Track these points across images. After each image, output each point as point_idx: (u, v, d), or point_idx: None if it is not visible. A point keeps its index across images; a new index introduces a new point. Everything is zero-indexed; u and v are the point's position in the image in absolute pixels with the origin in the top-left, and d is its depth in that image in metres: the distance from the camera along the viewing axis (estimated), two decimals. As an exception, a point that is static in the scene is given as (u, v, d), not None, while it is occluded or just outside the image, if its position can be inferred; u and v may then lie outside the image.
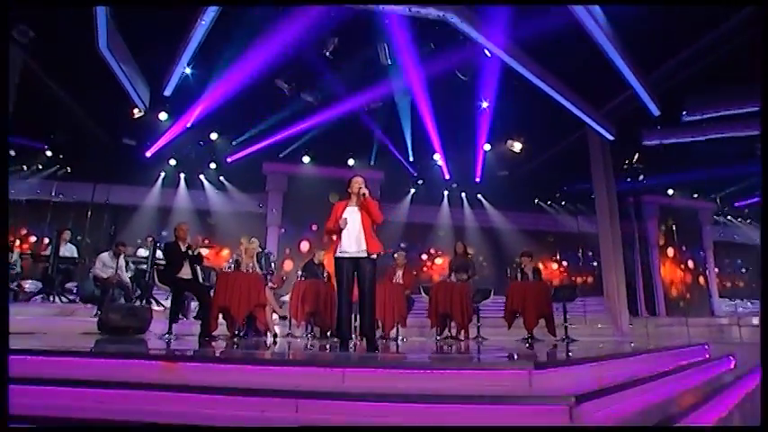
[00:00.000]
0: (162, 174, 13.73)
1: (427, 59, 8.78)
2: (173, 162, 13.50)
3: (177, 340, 5.45)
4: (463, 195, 15.57)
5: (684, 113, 9.71)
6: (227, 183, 14.13)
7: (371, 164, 13.67)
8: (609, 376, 2.84)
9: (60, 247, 8.68)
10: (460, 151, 12.97)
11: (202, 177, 14.02)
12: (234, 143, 12.97)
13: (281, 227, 13.92)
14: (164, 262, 6.57)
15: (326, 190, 11.86)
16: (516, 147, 12.13)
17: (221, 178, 14.10)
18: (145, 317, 5.96)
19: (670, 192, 15.49)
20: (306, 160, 13.65)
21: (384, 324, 6.82)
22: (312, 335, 7.25)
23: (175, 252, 5.88)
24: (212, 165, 13.79)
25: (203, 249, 6.75)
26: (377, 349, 4.32)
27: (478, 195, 15.56)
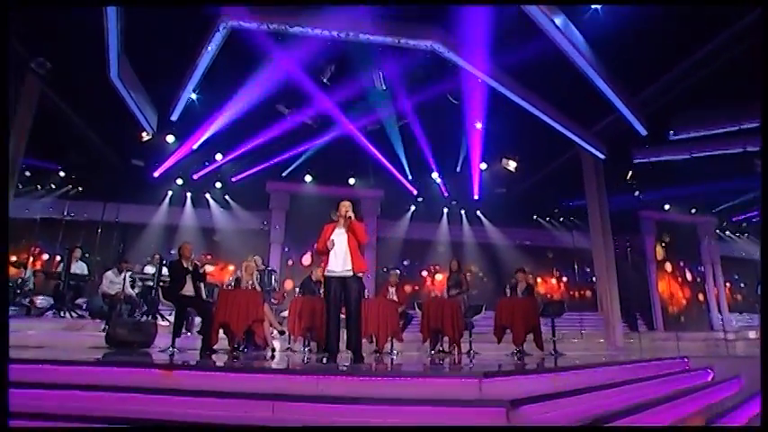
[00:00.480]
0: (169, 193, 14.27)
1: (420, 85, 9.20)
2: (179, 181, 14.00)
3: (180, 354, 5.75)
4: (462, 212, 15.91)
5: (672, 132, 10.02)
6: (231, 201, 14.61)
7: (372, 183, 14.07)
8: (552, 386, 3.14)
9: (71, 265, 9.10)
10: (458, 170, 13.31)
11: (208, 196, 14.52)
12: (236, 163, 13.36)
13: (284, 245, 14.30)
14: (168, 279, 6.94)
15: (328, 208, 12.09)
16: (511, 165, 12.44)
17: (226, 197, 14.58)
18: (150, 331, 6.33)
19: (666, 207, 15.72)
20: (308, 179, 14.06)
21: (378, 338, 7.08)
22: (309, 349, 7.52)
23: (179, 270, 6.23)
24: (218, 184, 14.27)
25: (209, 267, 7.10)
26: (362, 362, 4.62)
27: (477, 212, 15.89)
